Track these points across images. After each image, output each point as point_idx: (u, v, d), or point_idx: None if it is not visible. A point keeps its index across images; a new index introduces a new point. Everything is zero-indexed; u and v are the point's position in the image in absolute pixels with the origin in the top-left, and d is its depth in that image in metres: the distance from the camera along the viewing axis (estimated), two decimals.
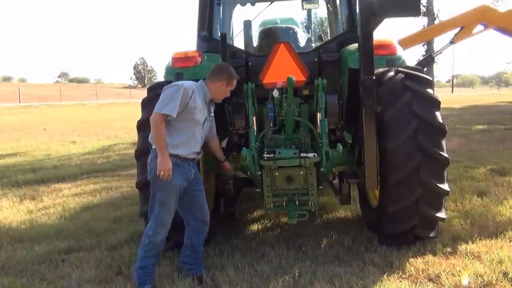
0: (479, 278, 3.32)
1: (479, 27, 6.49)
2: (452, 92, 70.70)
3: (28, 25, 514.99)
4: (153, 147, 3.44)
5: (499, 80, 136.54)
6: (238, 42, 5.89)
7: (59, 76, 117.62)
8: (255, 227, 4.94)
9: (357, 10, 3.76)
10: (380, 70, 4.03)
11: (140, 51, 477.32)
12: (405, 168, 3.74)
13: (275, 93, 4.02)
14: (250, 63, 4.65)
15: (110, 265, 3.92)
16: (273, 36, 5.90)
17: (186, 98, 3.34)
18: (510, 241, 4.07)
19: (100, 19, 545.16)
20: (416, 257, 3.77)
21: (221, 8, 5.28)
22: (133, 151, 4.27)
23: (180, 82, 3.46)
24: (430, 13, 23.90)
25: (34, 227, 5.15)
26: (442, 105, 3.99)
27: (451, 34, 6.93)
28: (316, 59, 4.62)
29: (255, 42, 6.06)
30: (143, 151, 3.91)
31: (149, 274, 3.42)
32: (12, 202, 6.39)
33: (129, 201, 6.16)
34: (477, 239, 4.08)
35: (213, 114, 3.71)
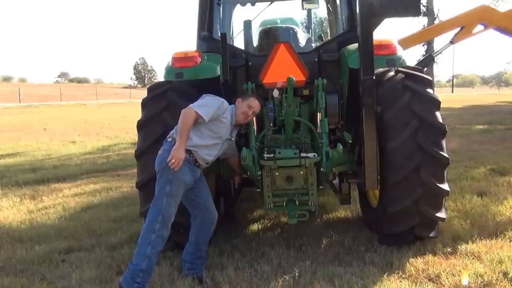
0: (479, 278, 3.32)
1: (479, 27, 6.50)
2: (452, 92, 70.72)
3: (28, 25, 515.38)
4: (169, 139, 3.47)
5: (499, 80, 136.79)
6: (238, 42, 5.89)
7: (59, 76, 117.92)
8: (255, 227, 4.94)
9: (357, 10, 3.76)
10: (380, 70, 4.03)
11: (140, 51, 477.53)
12: (405, 168, 3.74)
13: (275, 93, 4.02)
14: (250, 63, 4.64)
15: (110, 265, 3.92)
16: (273, 36, 5.90)
17: (220, 111, 3.53)
18: (510, 241, 4.07)
19: (100, 19, 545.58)
20: (416, 257, 3.77)
21: (221, 8, 5.27)
22: (133, 151, 4.27)
23: (221, 98, 3.64)
24: (430, 13, 23.90)
25: (34, 227, 5.15)
26: (442, 105, 3.99)
27: (451, 34, 6.94)
28: (316, 59, 4.62)
29: (255, 42, 6.05)
30: (143, 151, 3.91)
31: (150, 276, 3.34)
32: (12, 202, 6.39)
33: (129, 201, 6.16)
34: (477, 239, 4.08)
35: (234, 138, 3.85)
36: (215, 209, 3.73)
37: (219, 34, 4.36)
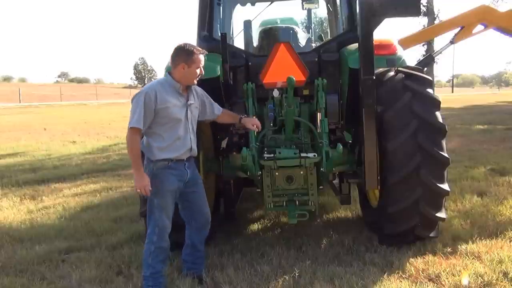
0: (479, 278, 3.32)
1: (479, 27, 6.50)
2: (452, 92, 70.66)
3: (28, 25, 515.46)
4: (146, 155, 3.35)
5: (499, 80, 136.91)
6: (238, 42, 5.89)
7: (59, 76, 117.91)
8: (255, 227, 4.94)
9: (357, 10, 3.75)
10: (380, 70, 4.03)
11: (140, 51, 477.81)
12: (405, 168, 3.74)
13: (275, 93, 4.02)
14: (250, 63, 4.64)
15: (110, 265, 3.93)
16: (273, 36, 5.90)
17: (150, 104, 3.18)
18: (510, 241, 4.07)
19: (100, 19, 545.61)
20: (416, 257, 3.77)
21: (221, 8, 5.27)
22: None
23: (142, 89, 3.29)
24: (430, 13, 23.94)
25: (34, 227, 5.15)
26: (442, 105, 3.99)
27: (451, 34, 6.94)
28: (316, 59, 4.62)
29: (255, 42, 6.05)
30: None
31: (162, 277, 3.40)
32: (12, 202, 6.40)
33: (129, 201, 6.16)
34: (477, 239, 4.08)
35: (195, 99, 3.47)
36: (208, 210, 3.65)
37: (219, 34, 4.37)
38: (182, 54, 3.32)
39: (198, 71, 3.35)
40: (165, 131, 3.28)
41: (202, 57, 3.37)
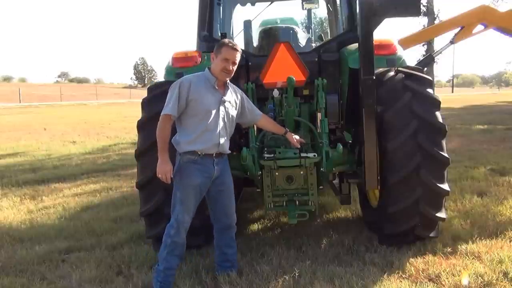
0: (479, 278, 3.32)
1: (479, 27, 6.48)
2: (452, 92, 70.70)
3: (28, 25, 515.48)
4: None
5: (499, 80, 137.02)
6: (238, 42, 5.88)
7: (59, 76, 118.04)
8: (255, 227, 4.94)
9: (357, 10, 3.76)
10: (380, 70, 4.03)
11: (140, 51, 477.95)
12: (405, 168, 3.74)
13: (275, 93, 4.02)
14: (250, 63, 4.64)
15: (110, 265, 3.92)
16: (273, 36, 5.90)
17: (184, 93, 3.27)
18: (510, 241, 4.07)
19: (100, 19, 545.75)
20: (416, 257, 3.77)
21: (221, 8, 5.27)
22: (133, 151, 4.27)
23: (180, 79, 3.40)
24: (430, 13, 23.93)
25: (34, 227, 5.15)
26: (442, 105, 3.99)
27: (451, 34, 6.93)
28: (316, 59, 4.62)
29: (255, 42, 6.06)
30: (143, 151, 3.91)
31: (172, 276, 3.40)
32: (12, 202, 6.40)
33: (129, 201, 6.16)
34: (477, 239, 4.08)
35: (232, 98, 3.50)
36: (233, 213, 3.61)
37: (219, 34, 4.37)
38: (216, 45, 3.44)
39: (225, 63, 3.33)
40: (194, 123, 3.32)
41: (231, 52, 3.34)
